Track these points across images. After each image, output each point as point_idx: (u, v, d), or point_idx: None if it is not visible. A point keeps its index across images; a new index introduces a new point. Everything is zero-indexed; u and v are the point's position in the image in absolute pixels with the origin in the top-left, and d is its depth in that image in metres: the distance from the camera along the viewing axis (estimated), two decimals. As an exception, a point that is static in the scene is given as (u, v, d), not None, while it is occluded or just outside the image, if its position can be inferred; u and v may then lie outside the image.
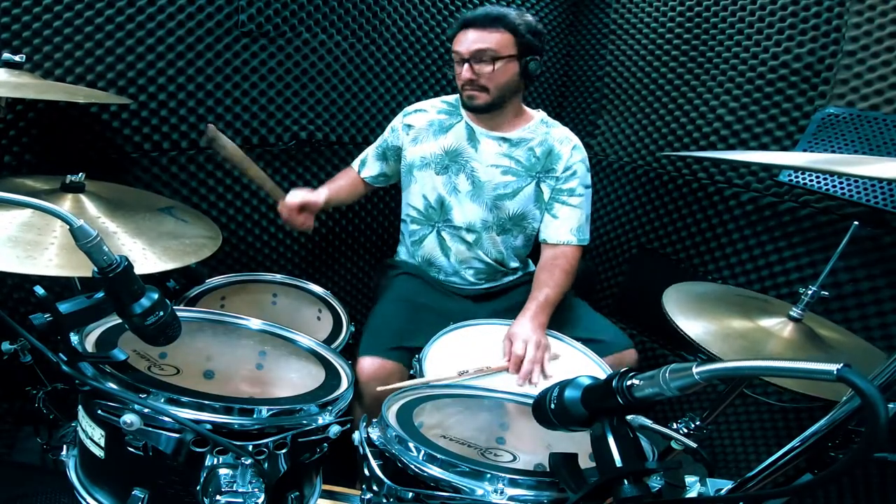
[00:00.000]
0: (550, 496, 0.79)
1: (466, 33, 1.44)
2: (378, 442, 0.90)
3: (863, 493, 1.45)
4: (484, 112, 1.51)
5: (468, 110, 1.55)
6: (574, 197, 1.56)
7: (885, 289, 1.43)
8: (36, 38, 1.35)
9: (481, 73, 1.44)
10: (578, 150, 1.58)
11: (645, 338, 2.12)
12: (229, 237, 1.79)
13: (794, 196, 1.60)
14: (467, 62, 1.43)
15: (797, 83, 1.58)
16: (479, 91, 1.46)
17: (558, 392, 0.74)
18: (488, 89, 1.46)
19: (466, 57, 1.43)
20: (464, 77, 1.45)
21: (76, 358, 0.81)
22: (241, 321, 1.14)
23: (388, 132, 1.69)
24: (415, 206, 1.65)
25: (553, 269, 1.51)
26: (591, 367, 1.36)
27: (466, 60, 1.43)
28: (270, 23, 1.64)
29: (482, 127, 1.56)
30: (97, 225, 1.05)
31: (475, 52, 1.42)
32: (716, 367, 0.60)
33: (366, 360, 1.34)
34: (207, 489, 0.78)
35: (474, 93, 1.47)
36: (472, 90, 1.47)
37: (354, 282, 2.15)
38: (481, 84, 1.45)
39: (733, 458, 1.81)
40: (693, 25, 1.85)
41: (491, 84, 1.45)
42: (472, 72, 1.44)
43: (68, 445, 0.91)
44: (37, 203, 0.67)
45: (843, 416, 0.66)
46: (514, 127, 1.57)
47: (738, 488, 0.76)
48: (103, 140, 1.53)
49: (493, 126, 1.56)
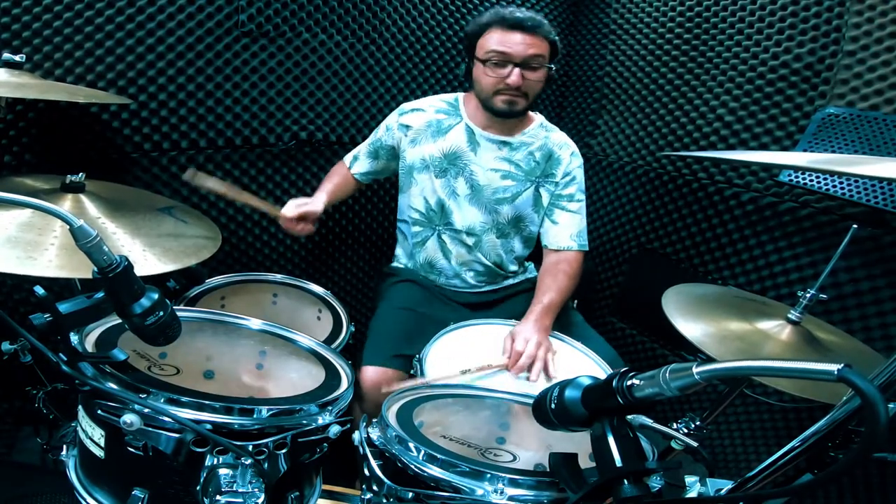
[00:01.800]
0: (550, 496, 0.79)
1: (513, 35, 1.38)
2: (378, 442, 0.90)
3: (863, 493, 1.45)
4: (515, 118, 1.49)
5: (499, 115, 1.48)
6: (573, 202, 1.56)
7: (885, 289, 1.43)
8: (36, 38, 1.35)
9: (532, 80, 1.40)
10: (576, 156, 1.58)
11: (645, 338, 2.12)
12: (229, 237, 1.80)
13: (794, 196, 1.60)
14: (518, 66, 1.38)
15: (797, 83, 1.58)
16: (521, 97, 1.43)
17: (558, 392, 0.74)
18: (528, 96, 1.43)
19: (518, 61, 1.38)
20: (513, 82, 1.39)
21: (76, 358, 0.81)
22: (241, 321, 1.14)
23: (383, 130, 1.64)
24: (416, 207, 1.64)
25: (556, 274, 1.51)
26: (592, 368, 1.36)
27: (518, 65, 1.38)
28: (270, 23, 1.64)
29: (483, 130, 1.54)
30: (97, 225, 1.05)
31: (529, 58, 1.38)
32: (716, 367, 0.60)
33: (368, 370, 1.34)
34: (207, 489, 0.78)
35: (517, 99, 1.43)
36: (516, 96, 1.42)
37: (354, 282, 2.15)
38: (524, 90, 1.42)
39: (733, 458, 1.81)
40: (693, 25, 1.85)
41: (531, 90, 1.43)
42: (522, 77, 1.39)
43: (68, 445, 0.91)
44: (37, 203, 0.67)
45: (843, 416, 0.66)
46: (515, 131, 1.56)
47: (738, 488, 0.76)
48: (103, 140, 1.53)
49: (495, 129, 1.54)
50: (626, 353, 2.16)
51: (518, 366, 1.28)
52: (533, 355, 1.29)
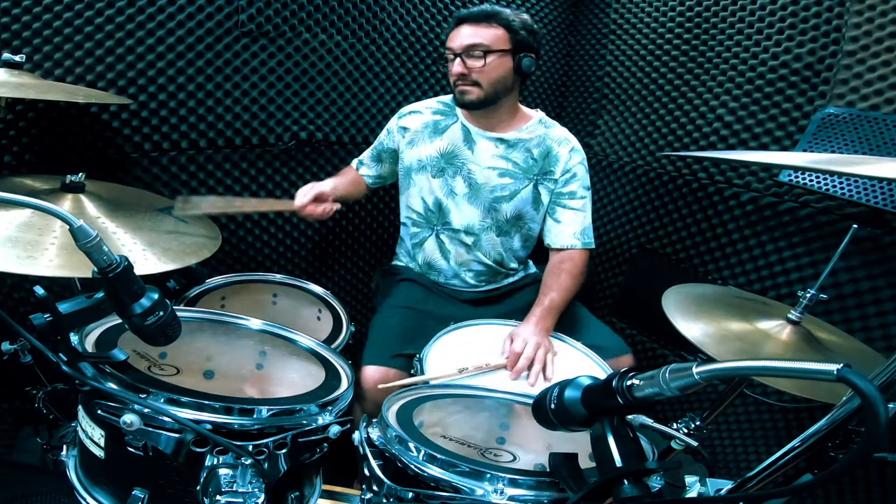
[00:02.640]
0: (550, 496, 0.79)
1: (459, 29, 1.44)
2: (378, 442, 0.90)
3: (863, 493, 1.45)
4: (477, 108, 1.50)
5: (461, 107, 1.53)
6: (575, 200, 1.55)
7: (885, 289, 1.43)
8: (36, 38, 1.35)
9: (472, 68, 1.43)
10: (577, 151, 1.57)
11: (645, 338, 2.12)
12: (229, 237, 1.79)
13: (794, 196, 1.60)
14: (459, 56, 1.43)
15: (797, 83, 1.58)
16: (471, 86, 1.45)
17: (558, 392, 0.74)
18: (481, 84, 1.45)
19: (458, 52, 1.43)
20: (455, 71, 1.45)
21: (76, 358, 0.81)
22: (241, 321, 1.14)
23: (384, 134, 1.68)
24: (414, 208, 1.65)
25: (559, 274, 1.50)
26: (592, 368, 1.36)
27: (458, 55, 1.43)
28: (270, 23, 1.64)
29: (478, 127, 1.55)
30: (97, 225, 1.05)
31: (467, 47, 1.42)
32: (716, 367, 0.60)
33: (369, 369, 1.34)
34: (207, 489, 0.78)
35: (466, 87, 1.46)
36: (465, 85, 1.46)
37: (354, 282, 2.15)
38: (473, 79, 1.44)
39: (733, 458, 1.81)
40: (693, 25, 1.85)
41: (483, 79, 1.44)
42: (464, 66, 1.43)
43: (68, 445, 0.91)
44: (37, 203, 0.67)
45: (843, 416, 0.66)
46: (510, 127, 1.56)
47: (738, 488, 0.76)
48: (103, 140, 1.53)
49: (490, 126, 1.55)
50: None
51: (516, 368, 1.28)
52: (531, 357, 1.29)
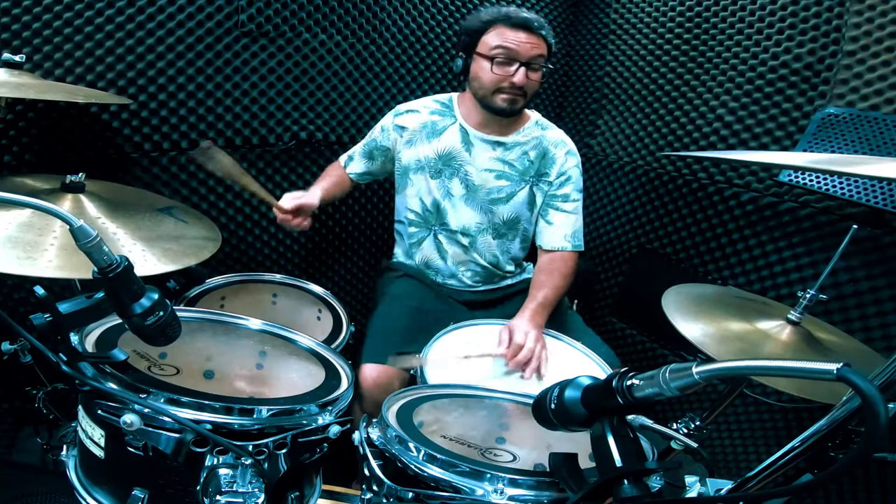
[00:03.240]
0: (550, 496, 0.79)
1: (519, 34, 1.38)
2: (378, 442, 0.90)
3: (863, 493, 1.45)
4: (510, 116, 1.49)
5: (498, 113, 1.47)
6: (568, 203, 1.56)
7: (885, 289, 1.43)
8: (36, 38, 1.35)
9: (534, 80, 1.41)
10: (573, 154, 1.57)
11: (645, 338, 2.12)
12: (229, 237, 1.79)
13: (794, 196, 1.60)
14: (523, 65, 1.38)
15: (797, 83, 1.58)
16: (521, 96, 1.43)
17: (558, 392, 0.74)
18: (527, 95, 1.44)
19: (524, 60, 1.38)
20: (519, 80, 1.39)
21: (76, 358, 0.81)
22: (241, 321, 1.14)
23: (378, 132, 1.65)
24: (412, 208, 1.64)
25: (552, 272, 1.51)
26: (590, 367, 1.36)
27: (524, 64, 1.38)
28: (270, 23, 1.64)
29: (477, 130, 1.54)
30: (97, 225, 1.05)
31: (534, 58, 1.39)
32: (716, 367, 0.60)
33: (368, 367, 1.34)
34: (207, 489, 0.78)
35: (518, 97, 1.43)
36: (517, 95, 1.42)
37: (354, 282, 2.15)
38: (525, 90, 1.42)
39: (733, 458, 1.81)
40: (693, 25, 1.85)
41: (531, 91, 1.44)
42: (526, 77, 1.39)
43: (68, 445, 0.91)
44: (37, 203, 0.67)
45: (843, 416, 0.66)
46: (509, 130, 1.55)
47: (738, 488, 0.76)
48: (103, 140, 1.53)
49: (488, 129, 1.54)
50: (626, 353, 2.16)
51: (517, 360, 1.28)
52: (532, 349, 1.30)
